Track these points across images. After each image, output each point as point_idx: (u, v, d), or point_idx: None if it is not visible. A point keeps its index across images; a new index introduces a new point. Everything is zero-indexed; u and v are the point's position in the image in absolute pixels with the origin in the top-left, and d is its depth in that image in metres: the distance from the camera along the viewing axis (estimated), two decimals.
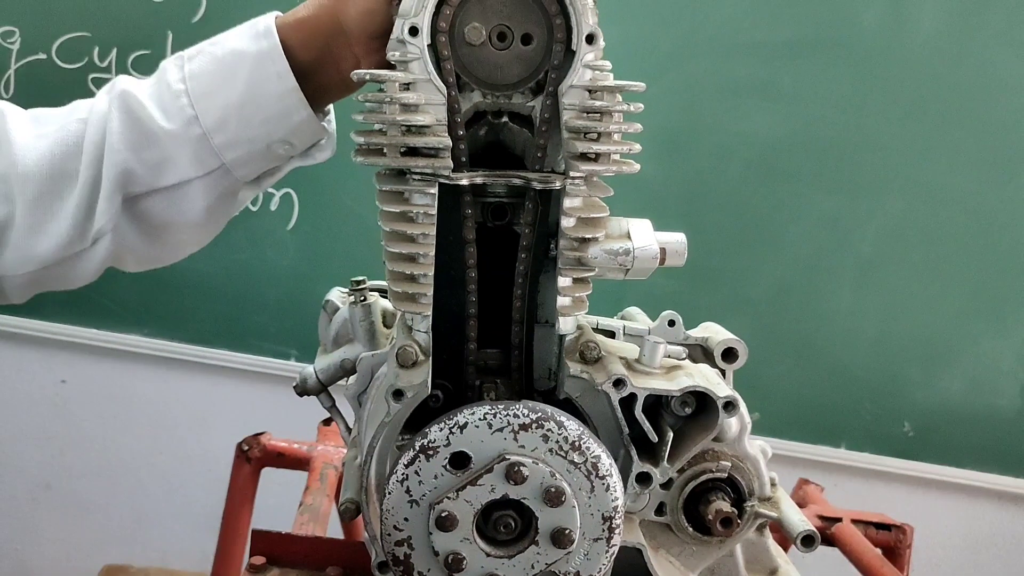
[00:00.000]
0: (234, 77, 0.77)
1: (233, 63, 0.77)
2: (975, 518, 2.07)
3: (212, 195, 0.81)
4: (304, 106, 0.77)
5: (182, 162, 0.78)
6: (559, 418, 0.61)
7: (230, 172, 0.80)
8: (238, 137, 0.78)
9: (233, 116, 0.77)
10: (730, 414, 0.67)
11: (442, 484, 0.61)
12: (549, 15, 0.65)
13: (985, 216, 1.89)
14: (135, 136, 0.78)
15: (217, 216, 0.84)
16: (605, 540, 0.63)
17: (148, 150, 0.78)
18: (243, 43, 0.77)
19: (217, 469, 1.55)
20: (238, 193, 0.84)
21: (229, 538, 1.38)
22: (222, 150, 0.78)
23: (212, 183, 0.80)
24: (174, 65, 0.79)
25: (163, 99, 0.78)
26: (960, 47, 1.83)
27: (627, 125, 0.65)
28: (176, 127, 0.77)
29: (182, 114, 0.77)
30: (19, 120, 0.81)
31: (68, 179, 0.79)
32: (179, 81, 0.77)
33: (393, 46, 0.66)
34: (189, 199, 0.80)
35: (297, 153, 0.82)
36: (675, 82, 1.86)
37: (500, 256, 0.71)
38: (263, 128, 0.78)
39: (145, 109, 0.77)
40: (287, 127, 0.78)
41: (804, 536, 0.70)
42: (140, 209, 0.81)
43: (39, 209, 0.79)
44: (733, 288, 1.94)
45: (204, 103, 0.77)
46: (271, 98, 0.77)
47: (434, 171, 0.64)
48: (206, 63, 0.78)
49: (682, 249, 0.68)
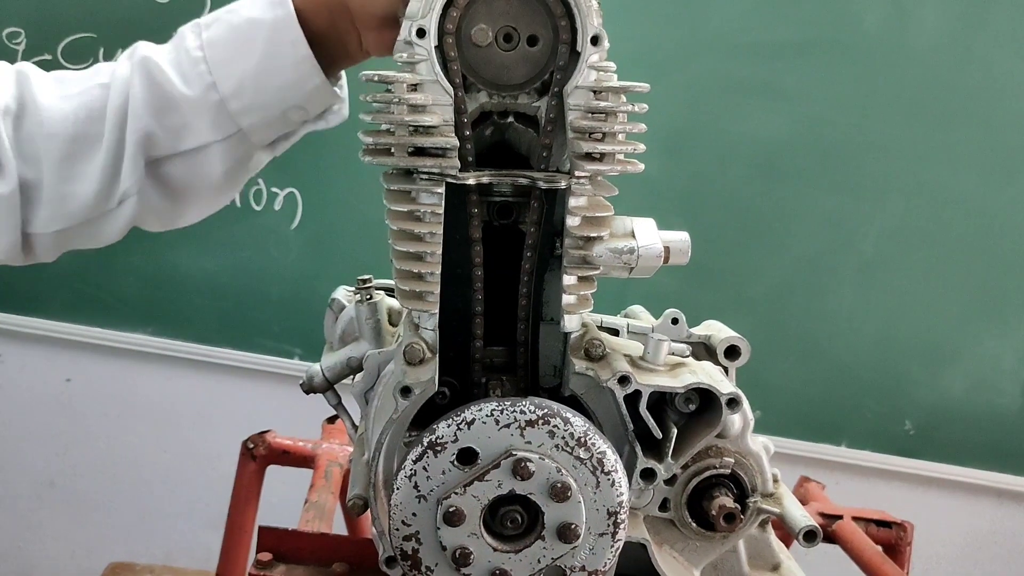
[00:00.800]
0: (250, 45, 0.80)
1: (249, 31, 0.80)
2: (976, 516, 2.08)
3: (229, 159, 0.84)
4: (318, 73, 0.80)
5: (201, 127, 0.81)
6: (565, 414, 0.62)
7: (246, 137, 0.83)
8: (254, 103, 0.81)
9: (249, 83, 0.80)
10: (733, 411, 0.67)
11: (450, 480, 0.62)
12: (554, 17, 0.66)
13: (987, 216, 1.90)
14: (156, 101, 0.80)
15: (234, 179, 0.87)
16: (610, 535, 0.64)
17: (169, 115, 0.81)
18: (258, 11, 0.80)
19: (221, 467, 1.56)
20: (254, 157, 0.87)
21: (234, 535, 1.38)
22: (238, 116, 0.81)
23: (229, 148, 0.83)
24: (191, 32, 0.81)
25: (182, 65, 0.80)
26: (962, 48, 1.84)
27: (631, 125, 0.66)
28: (195, 93, 0.80)
29: (201, 80, 0.80)
30: (43, 82, 0.83)
31: (93, 142, 0.81)
32: (197, 48, 0.80)
33: (400, 48, 0.67)
34: (208, 163, 0.83)
35: (311, 118, 0.85)
36: (677, 82, 1.86)
37: (505, 254, 0.71)
38: (278, 95, 0.81)
39: (165, 75, 0.80)
40: (301, 93, 0.81)
41: (806, 531, 0.70)
42: (162, 172, 0.84)
43: (66, 170, 0.82)
44: (735, 287, 1.94)
45: (221, 70, 0.80)
46: (286, 65, 0.80)
47: (441, 171, 0.64)
48: (223, 31, 0.80)
49: (686, 248, 0.69)
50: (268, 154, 0.89)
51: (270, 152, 0.89)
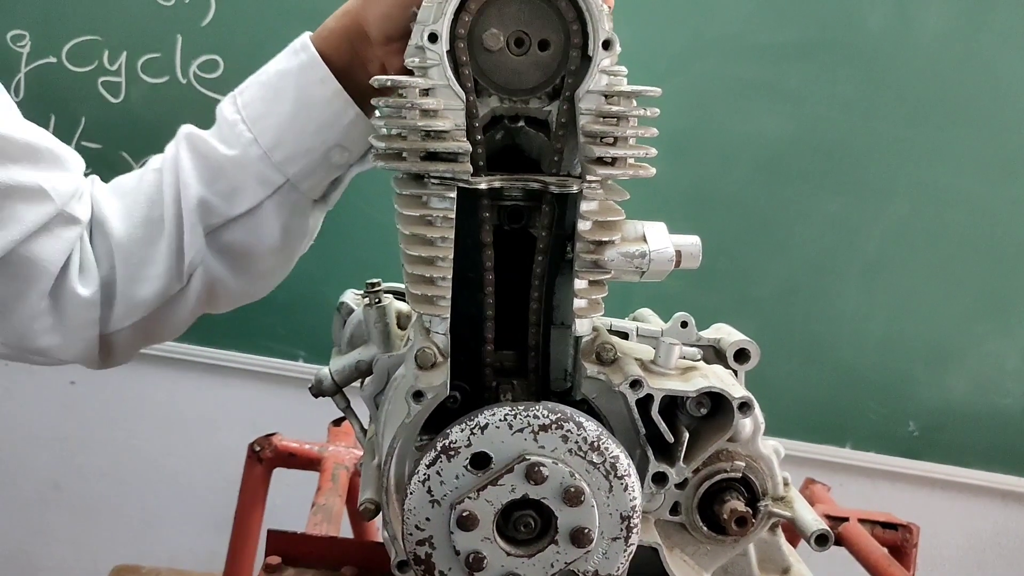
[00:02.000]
0: (282, 95, 0.81)
1: (279, 82, 0.82)
2: (980, 517, 2.08)
3: (284, 214, 0.85)
4: (351, 105, 0.81)
5: (250, 185, 0.83)
6: (578, 419, 0.62)
7: (296, 187, 0.84)
8: (296, 150, 0.82)
9: (287, 131, 0.81)
10: (745, 415, 0.67)
11: (463, 484, 0.62)
12: (566, 21, 0.66)
13: (991, 217, 1.90)
14: (204, 170, 0.83)
15: (293, 238, 0.88)
16: (623, 539, 0.64)
17: (218, 181, 0.83)
18: (284, 63, 0.82)
19: (226, 469, 1.56)
20: (308, 212, 0.88)
21: (241, 538, 1.39)
22: (283, 165, 0.82)
23: (281, 201, 0.84)
24: (228, 102, 0.84)
25: (223, 132, 0.83)
26: (966, 49, 1.84)
27: (643, 129, 0.66)
28: (237, 152, 0.82)
29: (241, 139, 0.82)
30: (102, 186, 0.87)
31: (156, 225, 0.84)
32: (234, 112, 0.82)
33: (412, 52, 0.67)
34: (264, 223, 0.85)
35: (355, 159, 0.86)
36: (682, 83, 1.86)
37: (516, 259, 0.71)
38: (318, 137, 0.82)
39: (208, 143, 0.82)
40: (339, 130, 0.82)
41: (818, 535, 0.70)
42: (223, 242, 0.85)
43: (135, 258, 0.84)
44: (740, 288, 1.94)
45: (259, 125, 0.81)
46: (319, 105, 0.81)
47: (453, 175, 0.64)
48: (255, 91, 0.83)
49: (697, 252, 0.69)
50: (322, 208, 0.90)
51: (324, 206, 0.89)
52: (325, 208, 0.90)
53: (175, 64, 1.86)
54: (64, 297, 0.82)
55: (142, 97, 1.88)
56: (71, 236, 0.81)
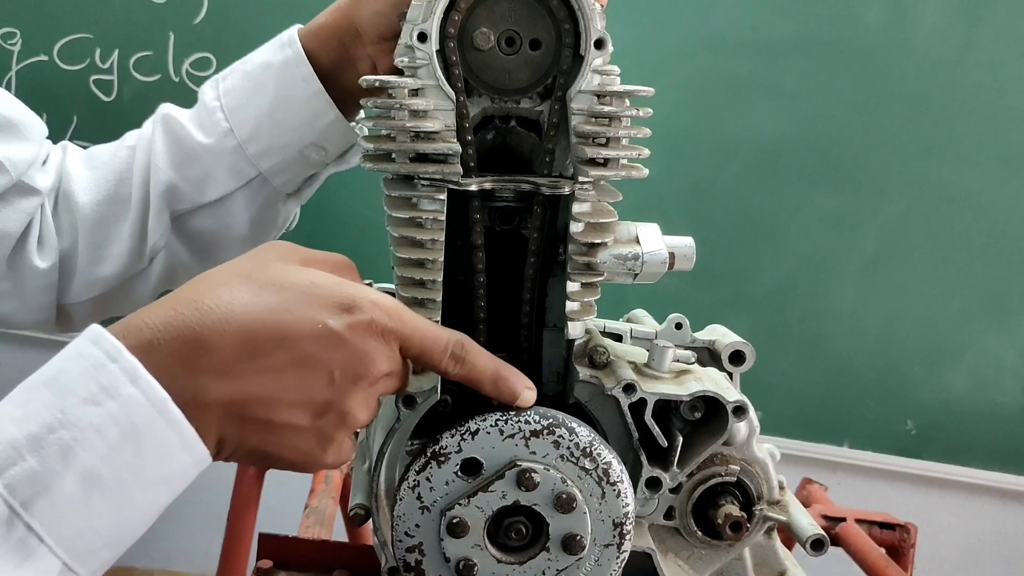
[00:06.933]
0: (263, 87, 0.80)
1: (261, 75, 0.81)
2: (978, 516, 2.08)
3: (254, 207, 0.84)
4: (331, 108, 0.80)
5: (221, 175, 0.81)
6: (570, 424, 0.61)
7: (268, 181, 0.83)
8: (272, 145, 0.81)
9: (265, 125, 0.80)
10: (740, 419, 0.67)
11: (453, 490, 0.61)
12: (557, 20, 0.65)
13: (988, 214, 1.90)
14: (177, 155, 0.81)
15: (261, 230, 0.87)
16: (616, 546, 0.63)
17: (189, 167, 0.82)
18: (269, 55, 0.81)
19: (219, 470, 1.55)
20: (279, 205, 0.86)
21: (234, 540, 1.38)
22: (257, 159, 0.81)
23: (252, 194, 0.83)
24: (210, 87, 0.82)
25: (201, 117, 0.82)
26: (963, 45, 1.83)
27: (636, 130, 0.65)
28: (213, 141, 0.80)
29: (217, 128, 0.80)
30: (76, 155, 0.86)
31: (122, 204, 0.83)
32: (214, 99, 0.81)
33: (401, 52, 0.66)
34: (233, 213, 0.83)
35: (332, 159, 0.84)
36: (677, 80, 1.85)
37: (508, 260, 0.71)
38: (295, 134, 0.80)
39: (184, 128, 0.81)
40: (317, 130, 0.81)
41: (814, 540, 0.70)
42: (189, 227, 0.84)
43: (98, 235, 0.83)
44: (736, 287, 1.94)
45: (237, 115, 0.80)
46: (299, 103, 0.79)
47: (444, 177, 0.63)
48: (238, 79, 0.82)
49: (691, 254, 0.68)
50: (294, 203, 0.89)
51: (296, 200, 0.88)
52: (298, 202, 0.89)
53: (167, 62, 1.85)
54: (21, 267, 0.81)
55: (134, 95, 1.87)
56: (29, 207, 0.80)
